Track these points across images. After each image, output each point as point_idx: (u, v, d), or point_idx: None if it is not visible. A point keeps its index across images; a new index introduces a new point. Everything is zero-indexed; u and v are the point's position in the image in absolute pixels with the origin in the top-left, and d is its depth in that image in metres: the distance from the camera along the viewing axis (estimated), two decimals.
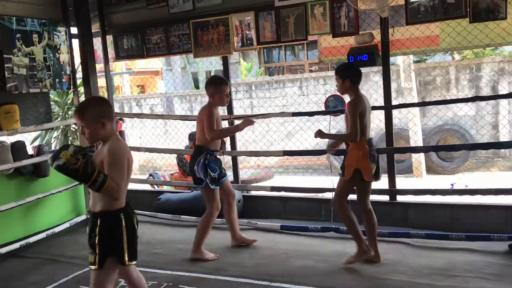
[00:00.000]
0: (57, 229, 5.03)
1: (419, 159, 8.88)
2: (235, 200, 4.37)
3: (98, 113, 2.49)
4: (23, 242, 4.68)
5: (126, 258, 2.51)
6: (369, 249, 3.79)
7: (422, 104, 8.01)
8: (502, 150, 8.78)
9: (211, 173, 4.01)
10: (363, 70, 3.98)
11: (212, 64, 14.64)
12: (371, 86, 9.33)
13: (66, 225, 5.19)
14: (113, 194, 2.42)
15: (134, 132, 11.78)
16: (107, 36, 5.95)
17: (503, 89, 8.90)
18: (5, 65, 4.86)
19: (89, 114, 2.48)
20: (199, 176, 4.03)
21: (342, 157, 3.92)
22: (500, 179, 7.53)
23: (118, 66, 17.43)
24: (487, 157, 8.91)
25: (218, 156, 4.26)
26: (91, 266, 2.52)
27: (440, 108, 8.66)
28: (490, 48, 8.91)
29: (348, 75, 3.73)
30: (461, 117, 8.70)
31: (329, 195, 4.75)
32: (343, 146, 4.03)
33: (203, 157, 4.03)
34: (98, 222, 2.49)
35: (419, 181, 8.21)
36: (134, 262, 2.59)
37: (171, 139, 9.38)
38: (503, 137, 8.79)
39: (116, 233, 2.49)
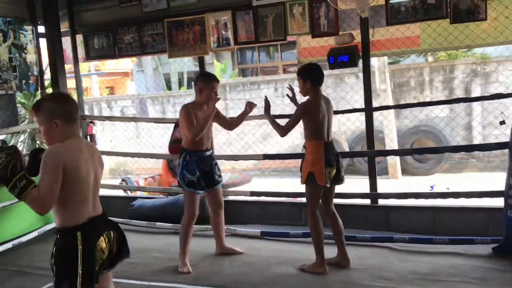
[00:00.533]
0: (24, 238, 4.76)
1: (393, 160, 8.90)
2: (221, 209, 4.21)
3: (52, 111, 2.20)
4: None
5: (79, 285, 2.13)
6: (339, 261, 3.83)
7: (402, 106, 8.03)
8: (476, 152, 8.87)
9: (187, 174, 3.89)
10: (335, 72, 3.95)
11: (185, 64, 14.41)
12: (343, 89, 9.31)
13: (35, 233, 4.91)
14: (35, 206, 2.07)
15: (105, 135, 11.46)
16: (77, 36, 5.70)
17: (474, 91, 9.02)
18: None
19: (43, 110, 2.21)
20: (178, 177, 4.01)
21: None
22: (474, 180, 7.61)
23: (86, 67, 16.99)
24: (461, 158, 9.00)
25: (214, 161, 4.14)
26: None
27: (413, 110, 8.72)
28: (462, 50, 9.02)
29: (309, 76, 3.69)
30: (434, 118, 8.77)
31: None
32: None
33: (182, 158, 3.96)
34: (55, 240, 2.22)
35: (395, 183, 8.21)
36: None
37: (144, 143, 9.13)
38: (475, 139, 8.90)
39: (71, 254, 2.16)
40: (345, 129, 9.25)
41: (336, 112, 6.02)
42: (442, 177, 8.24)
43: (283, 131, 3.72)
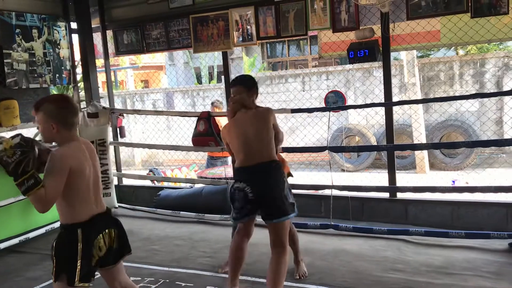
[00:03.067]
0: (56, 225, 5.03)
1: (421, 155, 8.83)
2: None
3: (50, 113, 2.29)
4: (22, 238, 4.70)
5: (77, 279, 2.25)
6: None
7: (422, 101, 7.94)
8: (506, 147, 8.69)
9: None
10: (365, 65, 3.94)
11: (216, 58, 14.58)
12: (372, 82, 9.29)
13: None
14: (38, 204, 2.17)
15: (137, 127, 11.80)
16: (107, 31, 5.94)
17: (506, 85, 8.82)
18: (5, 60, 4.86)
19: (42, 111, 2.30)
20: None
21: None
22: (503, 175, 7.47)
23: (123, 61, 17.45)
24: (490, 153, 8.83)
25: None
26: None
27: (443, 104, 8.61)
28: (493, 43, 8.82)
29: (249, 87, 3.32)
30: (464, 112, 8.65)
31: (329, 192, 4.74)
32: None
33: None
34: (58, 234, 2.37)
35: (421, 177, 8.15)
36: (87, 285, 2.31)
37: (174, 135, 9.37)
38: (506, 134, 8.72)
39: (71, 249, 2.28)
40: (373, 122, 9.23)
41: (357, 106, 6.11)
42: (470, 173, 8.12)
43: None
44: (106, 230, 2.40)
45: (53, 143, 2.45)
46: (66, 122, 2.32)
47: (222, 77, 11.21)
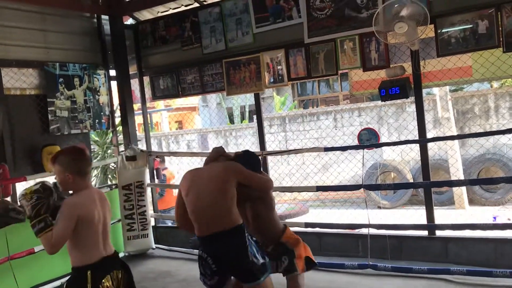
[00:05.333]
0: None
1: (460, 190, 8.61)
2: None
3: (65, 165, 2.51)
4: (64, 280, 4.79)
5: None
6: None
7: (457, 137, 7.80)
8: None
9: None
10: (397, 101, 3.93)
11: (247, 99, 14.85)
12: (404, 118, 9.24)
13: None
14: (46, 246, 2.37)
15: (172, 168, 11.98)
16: (144, 77, 6.19)
17: None
18: (49, 108, 5.11)
19: (58, 164, 2.53)
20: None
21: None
22: None
23: (158, 103, 17.96)
24: None
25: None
26: None
27: (479, 138, 8.44)
28: None
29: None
30: (502, 146, 8.44)
31: (366, 231, 4.68)
32: None
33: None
34: (69, 277, 2.51)
35: (460, 214, 7.94)
36: None
37: None
38: None
39: None
40: (408, 159, 9.11)
41: (391, 144, 6.08)
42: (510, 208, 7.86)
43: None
44: (114, 272, 2.54)
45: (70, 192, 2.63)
46: (79, 172, 2.54)
47: (254, 116, 11.37)
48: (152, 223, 6.11)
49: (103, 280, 2.47)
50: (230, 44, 5.42)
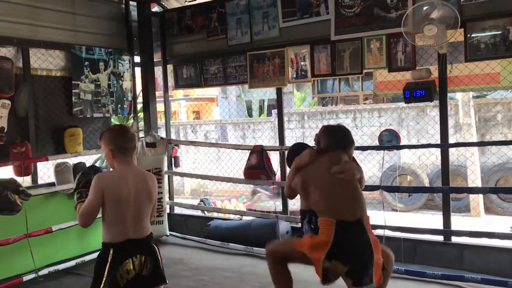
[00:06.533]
0: None
1: (477, 198, 8.51)
2: None
3: (108, 141, 2.65)
4: (79, 260, 4.89)
5: None
6: None
7: (480, 144, 7.69)
8: None
9: None
10: (420, 104, 3.89)
11: (267, 92, 14.85)
12: (426, 121, 9.14)
13: None
14: (78, 217, 2.54)
15: (189, 157, 12.08)
16: (168, 66, 6.22)
17: None
18: (73, 90, 5.18)
19: (103, 140, 2.68)
20: None
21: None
22: None
23: (176, 93, 18.04)
24: None
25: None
26: None
27: (501, 147, 8.33)
28: None
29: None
30: None
31: (381, 232, 4.65)
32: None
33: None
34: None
35: (476, 221, 7.85)
36: None
37: (225, 166, 9.53)
38: None
39: (100, 267, 2.51)
40: (428, 162, 9.03)
41: (413, 147, 6.01)
42: None
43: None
44: (138, 256, 2.53)
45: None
46: (120, 148, 2.63)
47: (272, 111, 11.34)
48: (167, 210, 6.17)
49: (126, 261, 2.49)
50: (256, 37, 5.41)
